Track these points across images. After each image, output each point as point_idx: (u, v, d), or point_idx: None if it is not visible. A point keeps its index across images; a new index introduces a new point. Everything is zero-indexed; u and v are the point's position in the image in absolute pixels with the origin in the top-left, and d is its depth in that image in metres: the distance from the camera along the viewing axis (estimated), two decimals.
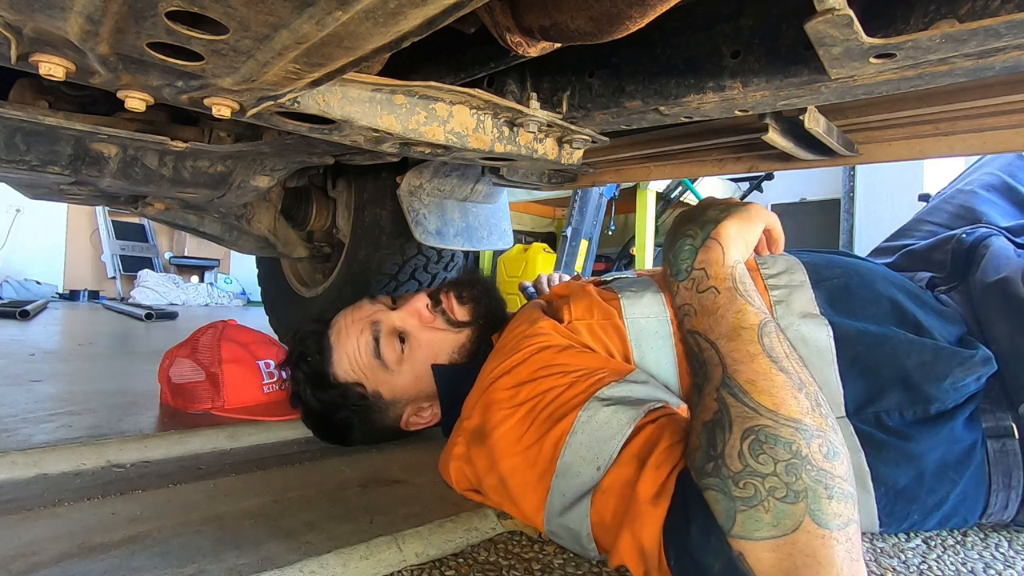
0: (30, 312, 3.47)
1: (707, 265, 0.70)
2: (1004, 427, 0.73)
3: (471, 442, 0.72)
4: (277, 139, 0.98)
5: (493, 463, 0.68)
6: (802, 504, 0.48)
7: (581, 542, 0.60)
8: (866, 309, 0.79)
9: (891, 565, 0.69)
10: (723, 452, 0.52)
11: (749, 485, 0.49)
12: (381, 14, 0.42)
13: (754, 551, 0.47)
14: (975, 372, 0.72)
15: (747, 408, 0.54)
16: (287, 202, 1.74)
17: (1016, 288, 0.78)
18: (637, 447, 0.58)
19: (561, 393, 0.66)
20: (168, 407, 1.25)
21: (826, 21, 0.54)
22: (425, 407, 0.97)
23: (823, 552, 0.47)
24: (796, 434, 0.51)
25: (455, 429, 0.77)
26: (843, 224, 3.02)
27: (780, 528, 0.47)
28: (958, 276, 0.90)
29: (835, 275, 0.82)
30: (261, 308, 2.22)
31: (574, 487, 0.60)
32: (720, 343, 0.62)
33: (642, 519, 0.54)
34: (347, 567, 0.61)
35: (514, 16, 0.65)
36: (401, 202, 1.36)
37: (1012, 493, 0.73)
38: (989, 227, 0.97)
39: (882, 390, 0.73)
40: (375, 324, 0.95)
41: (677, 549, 0.51)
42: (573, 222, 3.63)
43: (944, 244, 0.96)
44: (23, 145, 0.97)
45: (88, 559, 0.61)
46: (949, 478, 0.72)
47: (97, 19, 0.44)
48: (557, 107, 0.90)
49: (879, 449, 0.71)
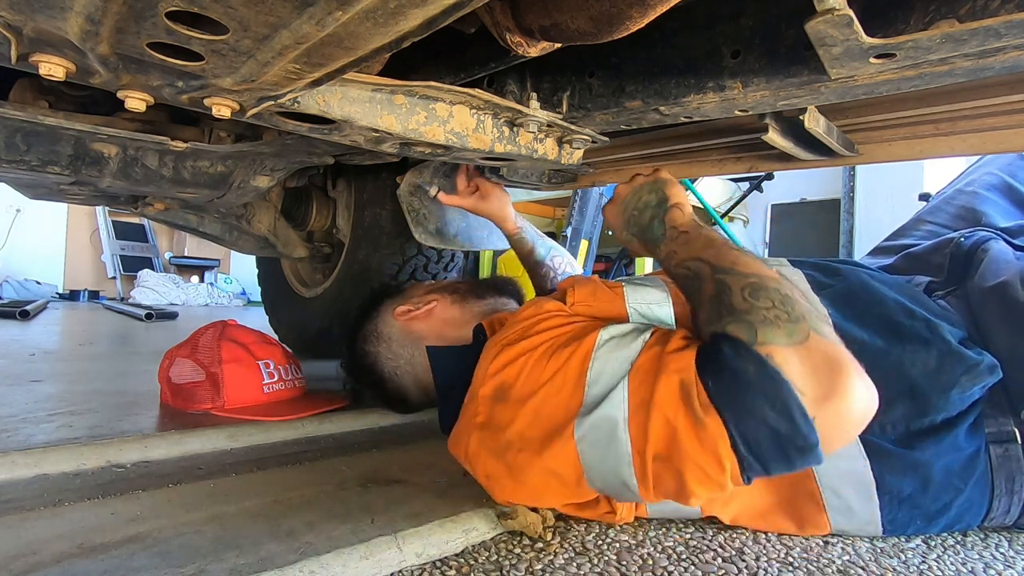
0: (30, 312, 3.47)
1: (676, 223, 0.82)
2: (1006, 432, 0.73)
3: (492, 403, 0.70)
4: (277, 139, 0.98)
5: (521, 405, 0.67)
6: (804, 324, 0.58)
7: (617, 434, 0.61)
8: (871, 310, 0.79)
9: (891, 565, 0.69)
10: (730, 302, 0.62)
11: (758, 312, 0.59)
12: (381, 14, 0.42)
13: (780, 353, 0.56)
14: (981, 381, 0.72)
15: (738, 275, 0.65)
16: (287, 202, 1.74)
17: (1015, 293, 0.79)
18: (657, 338, 0.66)
19: (575, 330, 0.70)
20: (168, 407, 1.25)
21: (826, 21, 0.54)
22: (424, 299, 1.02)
23: (836, 353, 0.56)
24: (779, 283, 0.63)
25: (468, 403, 0.74)
26: (843, 224, 3.02)
27: (794, 339, 0.57)
28: (956, 280, 0.90)
29: (836, 281, 0.83)
30: (261, 308, 2.22)
31: (608, 381, 0.63)
32: (704, 254, 0.72)
33: (676, 359, 0.61)
34: (347, 567, 0.61)
35: (514, 16, 0.65)
36: (401, 202, 1.36)
37: (1015, 498, 0.73)
38: (987, 230, 0.97)
39: (889, 402, 0.71)
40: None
41: (713, 367, 0.58)
42: (573, 222, 3.63)
43: (943, 247, 0.96)
44: (23, 145, 0.97)
45: (88, 559, 0.61)
46: (954, 486, 0.72)
47: (97, 19, 0.44)
48: (557, 107, 0.90)
49: (884, 458, 0.71)
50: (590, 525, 0.77)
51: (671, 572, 0.65)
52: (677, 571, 0.66)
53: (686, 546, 0.72)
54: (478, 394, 0.72)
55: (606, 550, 0.70)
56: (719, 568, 0.67)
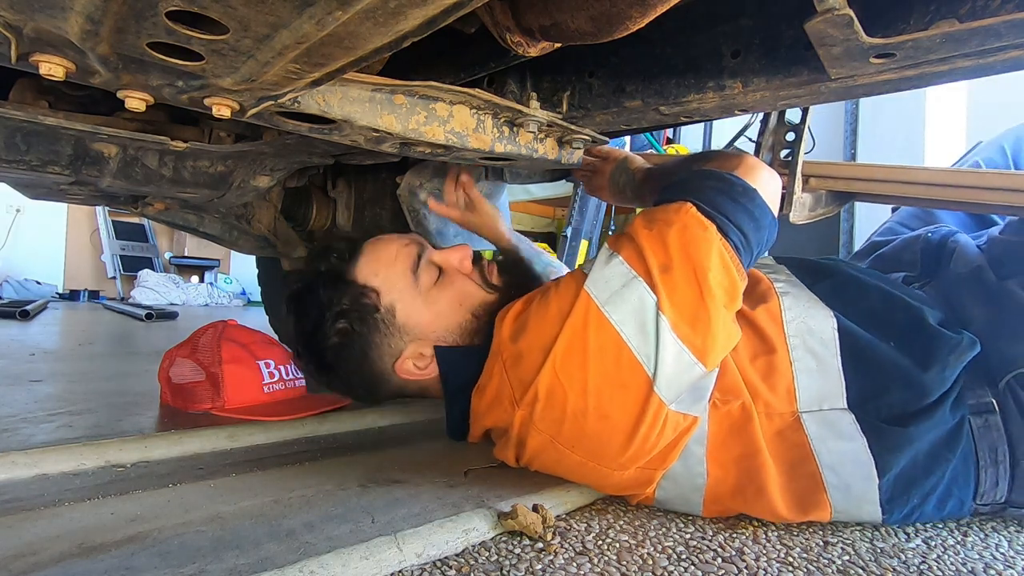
0: (30, 312, 3.47)
1: (640, 172, 1.06)
2: (985, 403, 0.77)
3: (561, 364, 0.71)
4: (277, 139, 0.98)
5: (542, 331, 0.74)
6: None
7: (629, 280, 0.72)
8: (860, 303, 0.84)
9: (891, 565, 0.69)
10: None
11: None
12: (381, 14, 0.42)
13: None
14: (965, 357, 0.77)
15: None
16: (287, 202, 1.74)
17: (989, 276, 0.87)
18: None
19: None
20: (168, 407, 1.25)
21: (826, 21, 0.54)
22: (427, 355, 0.86)
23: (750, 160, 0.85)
24: None
25: (528, 407, 0.74)
26: (843, 224, 3.01)
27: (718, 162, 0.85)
28: (930, 272, 0.96)
29: (822, 277, 0.89)
30: (261, 308, 2.22)
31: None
32: (666, 180, 0.90)
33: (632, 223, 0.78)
34: (347, 567, 0.61)
35: (514, 16, 0.65)
36: (401, 202, 1.36)
37: (1000, 468, 0.76)
38: (948, 226, 1.05)
39: (886, 388, 0.76)
40: (422, 245, 0.91)
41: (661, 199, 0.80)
42: (573, 222, 3.63)
43: (912, 245, 1.04)
44: (23, 145, 0.97)
45: (88, 559, 0.61)
46: (944, 457, 0.75)
47: (97, 19, 0.44)
48: (557, 107, 0.90)
49: (879, 436, 0.73)
50: (590, 525, 0.77)
51: (671, 572, 0.65)
52: (677, 571, 0.66)
53: (686, 546, 0.72)
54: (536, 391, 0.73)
55: (606, 550, 0.70)
56: (719, 568, 0.67)
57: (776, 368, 0.77)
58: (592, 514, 0.81)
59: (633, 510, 0.83)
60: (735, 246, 0.73)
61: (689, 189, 0.77)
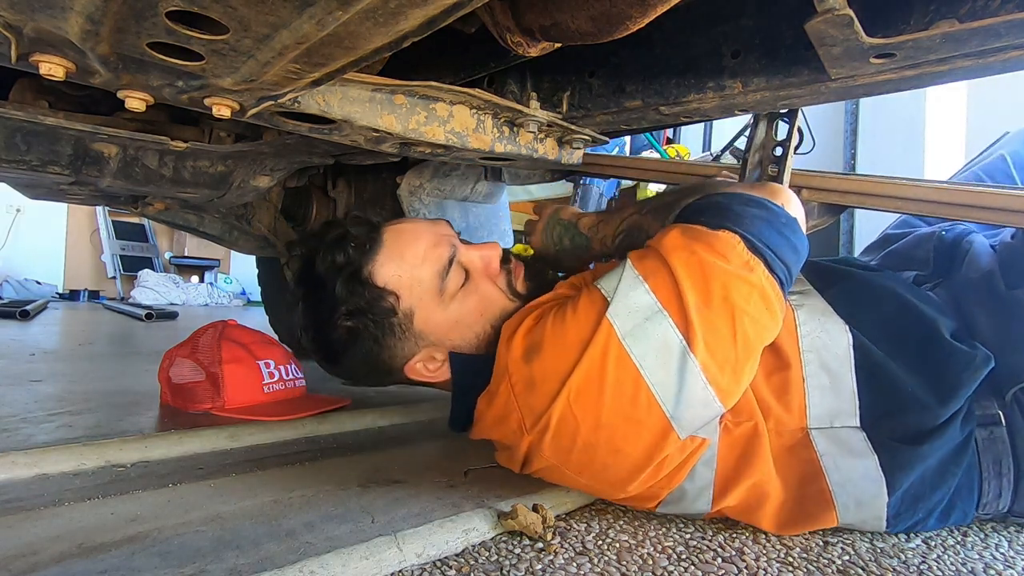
0: (30, 312, 3.46)
1: (587, 224, 1.01)
2: (991, 415, 0.76)
3: (574, 398, 0.69)
4: (277, 139, 0.98)
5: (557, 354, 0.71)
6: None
7: (654, 315, 0.68)
8: (873, 309, 0.81)
9: (891, 565, 0.69)
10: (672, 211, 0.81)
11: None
12: (381, 14, 0.42)
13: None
14: (980, 374, 0.75)
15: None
16: (287, 202, 1.74)
17: (1001, 284, 0.83)
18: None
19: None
20: (168, 407, 1.25)
21: (826, 21, 0.54)
22: (438, 359, 0.84)
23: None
24: None
25: (541, 433, 0.72)
26: (843, 224, 3.01)
27: None
28: (942, 272, 0.93)
29: (836, 281, 0.86)
30: (261, 308, 2.22)
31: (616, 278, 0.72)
32: (623, 225, 0.93)
33: (659, 239, 0.73)
34: (347, 567, 0.61)
35: (514, 16, 0.65)
36: (401, 202, 1.36)
37: (1004, 481, 0.75)
38: (964, 223, 1.00)
39: (899, 408, 0.75)
40: (455, 247, 0.84)
41: (693, 219, 0.72)
42: None
43: (925, 242, 1.00)
44: (23, 145, 0.97)
45: (88, 559, 0.61)
46: (951, 472, 0.74)
47: (97, 19, 0.44)
48: (557, 107, 0.90)
49: (892, 454, 0.72)
50: (590, 525, 0.77)
51: (671, 572, 0.65)
52: (677, 571, 0.66)
53: (686, 546, 0.72)
54: (550, 419, 0.70)
55: (606, 550, 0.70)
56: (719, 568, 0.67)
57: (791, 385, 0.75)
58: (592, 514, 0.81)
59: (633, 511, 0.83)
60: (780, 281, 0.69)
61: (732, 216, 0.70)
